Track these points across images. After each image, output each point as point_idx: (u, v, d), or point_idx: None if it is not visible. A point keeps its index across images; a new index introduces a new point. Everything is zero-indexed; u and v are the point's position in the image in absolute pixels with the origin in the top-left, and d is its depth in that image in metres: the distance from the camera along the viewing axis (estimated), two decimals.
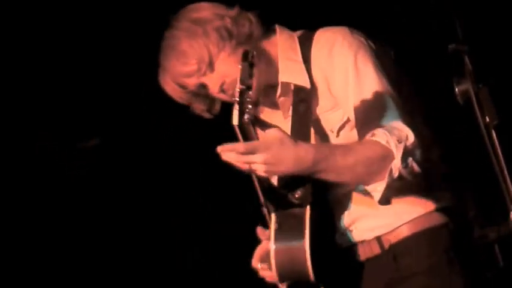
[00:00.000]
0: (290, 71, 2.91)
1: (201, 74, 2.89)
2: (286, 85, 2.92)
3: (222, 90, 2.90)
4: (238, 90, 2.54)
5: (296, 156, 2.57)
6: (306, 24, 3.02)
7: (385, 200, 2.71)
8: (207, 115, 3.04)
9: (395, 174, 2.66)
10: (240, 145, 2.54)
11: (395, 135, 2.67)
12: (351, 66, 2.80)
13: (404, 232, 2.86)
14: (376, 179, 2.67)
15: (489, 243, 4.33)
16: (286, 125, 2.91)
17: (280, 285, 2.91)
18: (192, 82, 2.92)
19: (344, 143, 2.81)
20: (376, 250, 2.88)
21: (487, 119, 2.43)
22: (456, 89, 2.48)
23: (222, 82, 2.89)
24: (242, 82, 2.55)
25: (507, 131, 2.46)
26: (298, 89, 2.88)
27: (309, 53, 2.90)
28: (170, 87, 2.96)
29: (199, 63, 2.86)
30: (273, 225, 2.79)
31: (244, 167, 2.56)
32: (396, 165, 2.66)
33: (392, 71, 2.85)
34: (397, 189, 2.79)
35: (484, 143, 2.45)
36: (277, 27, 3.00)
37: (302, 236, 2.74)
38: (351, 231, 2.92)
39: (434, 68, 3.06)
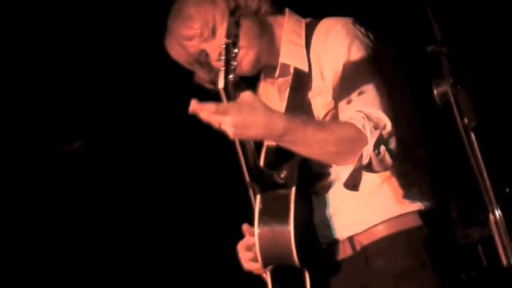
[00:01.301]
0: (291, 54, 2.93)
1: (203, 40, 2.92)
2: (285, 67, 2.94)
3: (220, 59, 2.89)
4: (224, 46, 2.57)
5: (266, 123, 2.59)
6: None
7: (351, 185, 2.70)
8: (209, 86, 3.03)
9: (366, 160, 2.65)
10: (212, 105, 2.56)
11: (373, 122, 2.67)
12: (343, 53, 2.80)
13: (377, 234, 2.84)
14: (347, 161, 2.66)
15: (473, 243, 4.35)
16: (281, 107, 2.90)
17: (264, 273, 2.92)
18: (193, 46, 2.94)
19: (320, 120, 2.81)
20: (349, 251, 2.87)
21: (466, 121, 2.43)
22: (435, 91, 2.48)
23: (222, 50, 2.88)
24: (228, 36, 2.58)
25: (485, 132, 2.45)
26: (297, 73, 2.90)
27: (310, 39, 2.92)
28: (175, 50, 2.99)
29: (202, 28, 2.90)
30: (257, 206, 2.79)
31: (216, 126, 2.58)
32: (368, 151, 2.65)
33: (387, 69, 2.84)
34: (375, 185, 2.80)
35: (463, 145, 2.45)
36: (287, 11, 3.02)
37: (287, 219, 2.73)
38: (329, 226, 2.89)
39: (412, 70, 3.05)
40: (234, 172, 2.83)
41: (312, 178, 2.89)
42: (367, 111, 2.69)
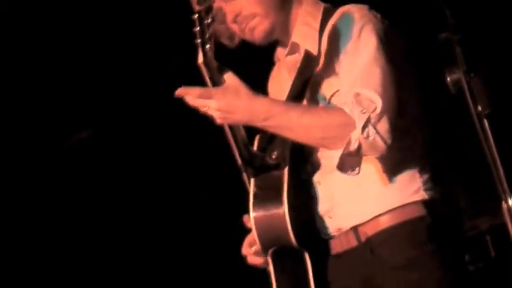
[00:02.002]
0: (304, 35, 2.90)
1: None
2: (295, 46, 2.91)
3: (235, 21, 2.88)
4: (196, 14, 2.55)
5: (250, 107, 2.62)
6: None
7: (346, 169, 2.68)
8: (227, 42, 2.99)
9: (355, 145, 2.62)
10: (197, 89, 2.59)
11: (363, 106, 2.64)
12: (355, 34, 2.76)
13: (381, 224, 2.79)
14: (336, 146, 2.65)
15: (481, 233, 4.35)
16: (287, 86, 2.89)
17: (267, 265, 2.88)
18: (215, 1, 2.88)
19: (306, 105, 2.81)
20: (353, 242, 2.82)
21: (479, 108, 2.42)
22: (448, 79, 2.48)
23: (238, 12, 2.87)
24: (199, 2, 2.57)
25: (499, 120, 2.44)
26: (307, 55, 2.87)
27: (326, 24, 2.88)
28: None
29: None
30: (251, 190, 2.78)
31: (202, 110, 2.60)
32: (356, 135, 2.62)
33: (397, 59, 2.82)
34: (379, 174, 2.77)
35: (476, 132, 2.44)
36: None
37: (281, 199, 2.72)
38: (329, 218, 2.86)
39: (425, 58, 3.04)
40: (234, 172, 2.83)
41: (314, 167, 2.86)
42: (360, 92, 2.66)
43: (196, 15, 2.56)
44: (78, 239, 4.53)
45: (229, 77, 2.65)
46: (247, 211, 2.81)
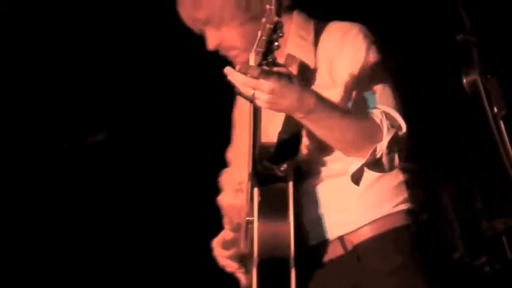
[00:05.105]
0: (298, 47, 2.91)
1: (205, 26, 2.90)
2: (291, 58, 2.91)
3: (217, 48, 2.92)
4: (273, 24, 2.44)
5: (300, 96, 2.56)
6: None
7: (356, 179, 2.71)
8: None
9: (377, 156, 2.66)
10: (255, 68, 2.50)
11: (390, 120, 2.69)
12: (362, 56, 2.80)
13: (367, 233, 2.85)
14: (360, 153, 2.67)
15: (497, 235, 4.34)
16: None
17: (239, 272, 2.98)
18: (196, 24, 2.92)
19: (346, 107, 2.81)
20: (340, 251, 2.86)
21: (495, 110, 2.42)
22: (464, 80, 2.48)
23: (219, 43, 2.90)
24: (278, 13, 2.43)
25: None
26: (303, 67, 2.88)
27: (319, 38, 2.91)
28: (183, 14, 2.94)
29: (208, 18, 2.87)
30: (256, 199, 2.79)
31: (248, 93, 2.52)
32: (382, 146, 2.66)
33: (393, 75, 2.87)
34: (365, 185, 2.80)
35: (492, 134, 2.44)
36: (296, 11, 2.99)
37: (287, 214, 2.75)
38: (319, 225, 2.89)
39: (442, 59, 3.04)
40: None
41: (303, 176, 2.88)
42: (386, 110, 2.72)
43: (271, 25, 2.44)
44: (77, 239, 4.53)
45: (281, 69, 2.59)
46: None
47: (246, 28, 2.82)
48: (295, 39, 2.92)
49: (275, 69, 2.54)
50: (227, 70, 2.51)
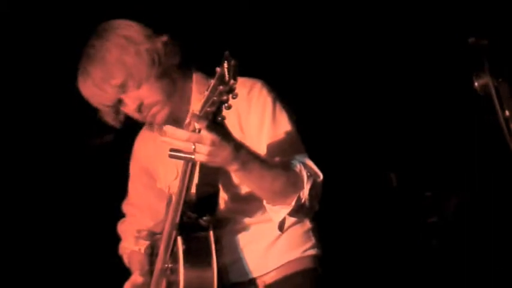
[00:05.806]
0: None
1: (124, 91, 2.98)
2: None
3: (139, 110, 3.01)
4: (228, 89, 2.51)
5: (237, 147, 2.66)
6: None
7: (282, 226, 2.91)
8: (115, 124, 3.15)
9: (302, 201, 2.82)
10: (185, 132, 2.60)
11: (307, 169, 2.87)
12: (268, 110, 2.98)
13: (279, 274, 3.09)
14: (284, 201, 2.83)
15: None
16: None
17: None
18: (112, 94, 3.00)
19: (271, 157, 2.93)
20: None
21: (507, 113, 2.43)
22: (476, 83, 2.49)
23: (141, 102, 2.99)
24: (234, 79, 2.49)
25: None
26: None
27: None
28: (89, 91, 3.03)
29: (126, 80, 2.96)
30: (180, 246, 2.95)
31: (189, 148, 2.60)
32: (305, 194, 2.83)
33: None
34: (278, 233, 2.99)
35: (504, 137, 2.45)
36: (193, 69, 3.13)
37: (210, 262, 2.94)
38: (236, 268, 3.09)
39: (453, 62, 3.05)
40: None
41: (223, 223, 3.07)
42: (301, 159, 2.89)
43: (226, 89, 2.50)
44: (77, 238, 4.53)
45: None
46: None
47: (163, 81, 2.97)
48: (197, 96, 3.02)
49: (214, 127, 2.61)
50: (167, 128, 2.60)
